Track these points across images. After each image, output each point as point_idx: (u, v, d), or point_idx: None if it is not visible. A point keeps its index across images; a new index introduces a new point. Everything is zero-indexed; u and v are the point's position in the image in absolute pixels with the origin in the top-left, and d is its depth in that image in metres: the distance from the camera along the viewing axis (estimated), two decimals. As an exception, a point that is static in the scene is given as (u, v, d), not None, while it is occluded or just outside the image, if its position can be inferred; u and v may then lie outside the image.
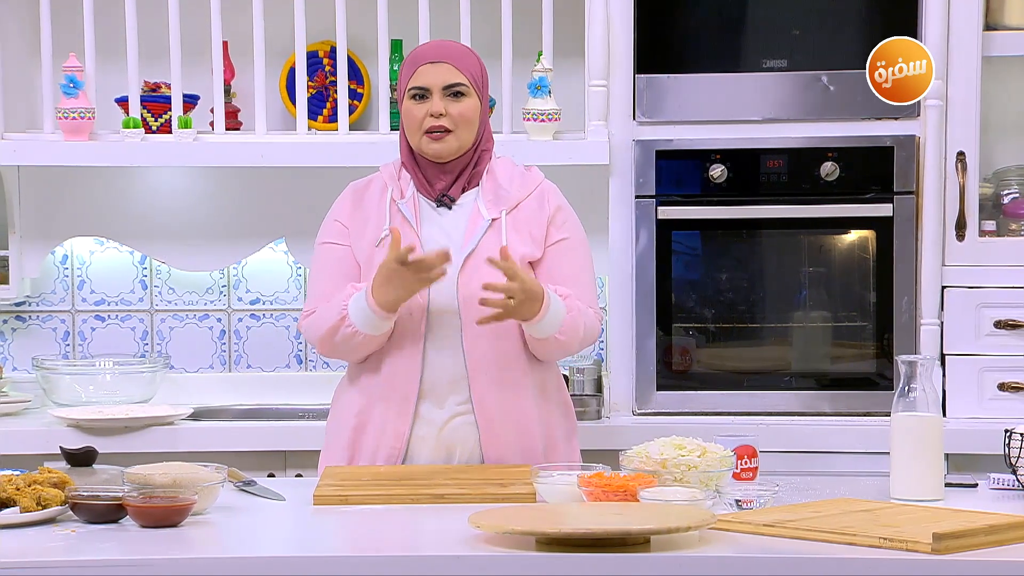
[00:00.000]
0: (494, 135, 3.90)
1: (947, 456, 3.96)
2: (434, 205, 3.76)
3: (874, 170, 4.63)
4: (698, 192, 4.67)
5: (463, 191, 3.77)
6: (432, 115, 3.70)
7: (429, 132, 3.72)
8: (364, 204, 3.80)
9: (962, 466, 4.33)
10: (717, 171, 4.64)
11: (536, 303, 3.60)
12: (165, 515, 3.15)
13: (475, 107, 3.74)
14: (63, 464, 3.47)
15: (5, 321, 5.09)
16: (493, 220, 3.73)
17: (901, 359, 3.49)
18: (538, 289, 3.61)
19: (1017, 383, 4.59)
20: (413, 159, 3.79)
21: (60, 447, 3.56)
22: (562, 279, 3.75)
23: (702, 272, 4.71)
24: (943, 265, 4.61)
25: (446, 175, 3.77)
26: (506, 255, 3.58)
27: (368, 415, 3.75)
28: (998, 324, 4.60)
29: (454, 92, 3.72)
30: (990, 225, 4.66)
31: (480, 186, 3.77)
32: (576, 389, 4.60)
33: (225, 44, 4.82)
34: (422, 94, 3.72)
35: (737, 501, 3.30)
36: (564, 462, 3.68)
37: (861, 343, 4.66)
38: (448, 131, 3.72)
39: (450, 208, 3.76)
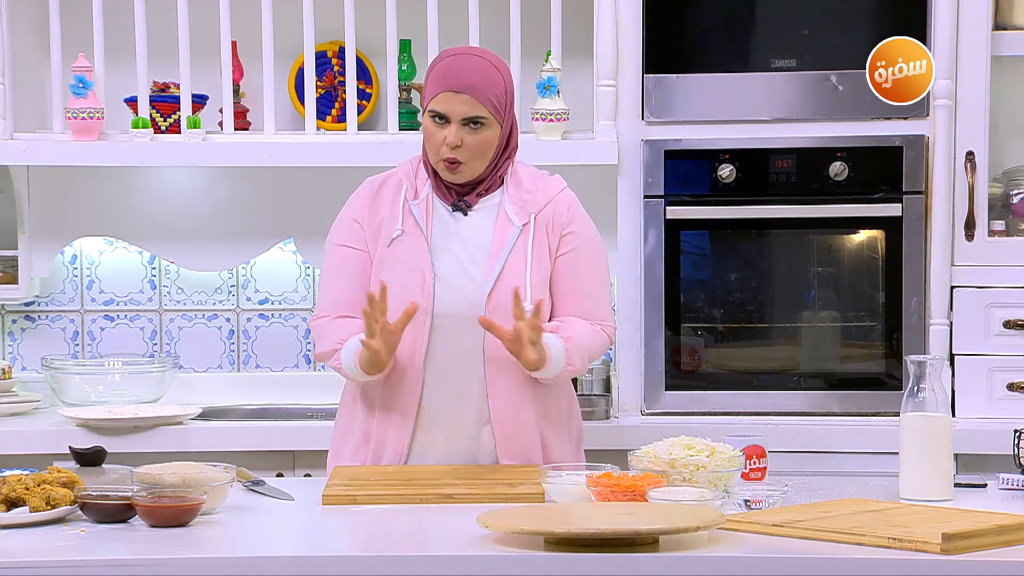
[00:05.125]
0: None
1: (956, 456, 3.95)
2: (450, 209, 3.75)
3: (883, 170, 4.62)
4: (707, 192, 4.66)
5: (479, 197, 3.74)
6: (448, 144, 3.66)
7: (444, 160, 3.68)
8: (379, 201, 3.77)
9: (971, 466, 4.33)
10: (726, 171, 4.64)
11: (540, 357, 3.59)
12: (174, 515, 3.16)
13: (492, 138, 3.68)
14: (72, 464, 3.47)
15: (14, 321, 5.09)
16: (524, 225, 3.71)
17: (910, 359, 3.48)
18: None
19: (1026, 383, 4.60)
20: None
21: (69, 447, 3.57)
22: (570, 291, 3.73)
23: (711, 272, 4.71)
24: (952, 265, 4.61)
25: (463, 186, 3.74)
26: (519, 300, 3.55)
27: (371, 421, 3.74)
28: (1007, 324, 4.60)
29: (473, 123, 3.66)
30: (999, 225, 4.65)
31: (504, 189, 3.75)
32: (585, 389, 4.60)
33: (234, 44, 4.82)
34: (442, 118, 3.67)
35: (746, 501, 3.30)
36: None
37: (870, 343, 4.66)
38: (462, 162, 3.68)
39: (466, 214, 3.74)
